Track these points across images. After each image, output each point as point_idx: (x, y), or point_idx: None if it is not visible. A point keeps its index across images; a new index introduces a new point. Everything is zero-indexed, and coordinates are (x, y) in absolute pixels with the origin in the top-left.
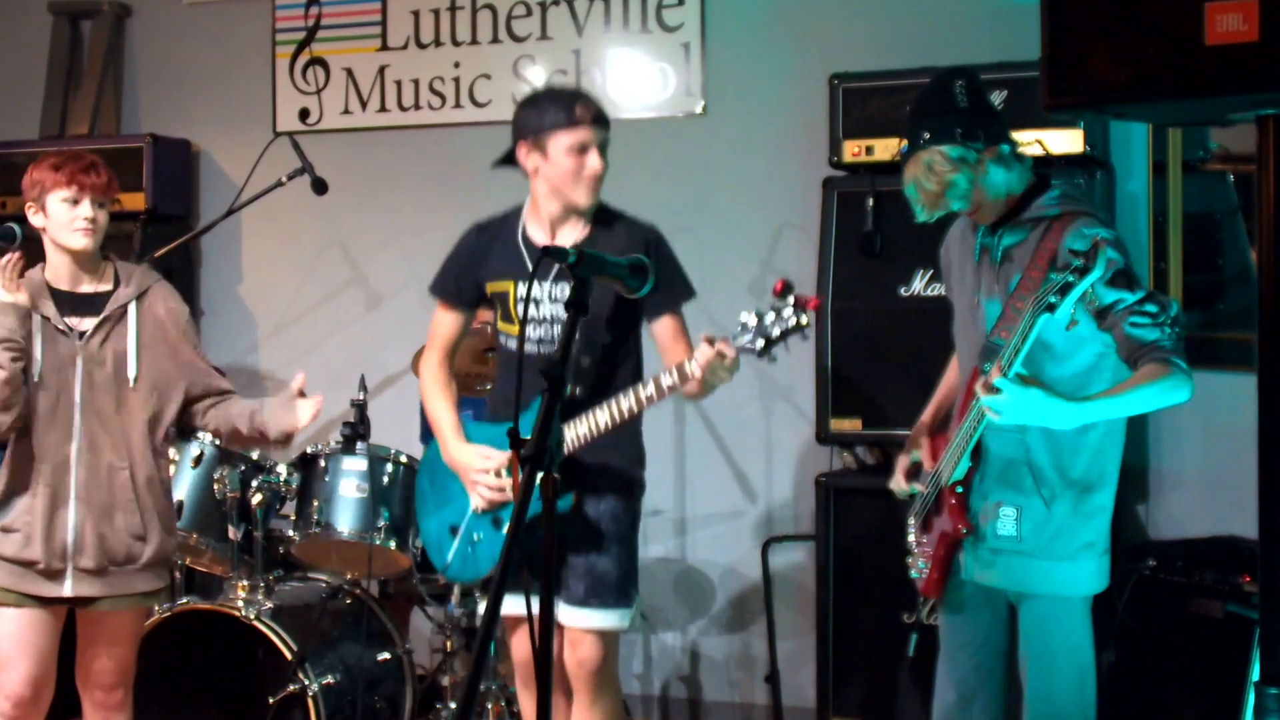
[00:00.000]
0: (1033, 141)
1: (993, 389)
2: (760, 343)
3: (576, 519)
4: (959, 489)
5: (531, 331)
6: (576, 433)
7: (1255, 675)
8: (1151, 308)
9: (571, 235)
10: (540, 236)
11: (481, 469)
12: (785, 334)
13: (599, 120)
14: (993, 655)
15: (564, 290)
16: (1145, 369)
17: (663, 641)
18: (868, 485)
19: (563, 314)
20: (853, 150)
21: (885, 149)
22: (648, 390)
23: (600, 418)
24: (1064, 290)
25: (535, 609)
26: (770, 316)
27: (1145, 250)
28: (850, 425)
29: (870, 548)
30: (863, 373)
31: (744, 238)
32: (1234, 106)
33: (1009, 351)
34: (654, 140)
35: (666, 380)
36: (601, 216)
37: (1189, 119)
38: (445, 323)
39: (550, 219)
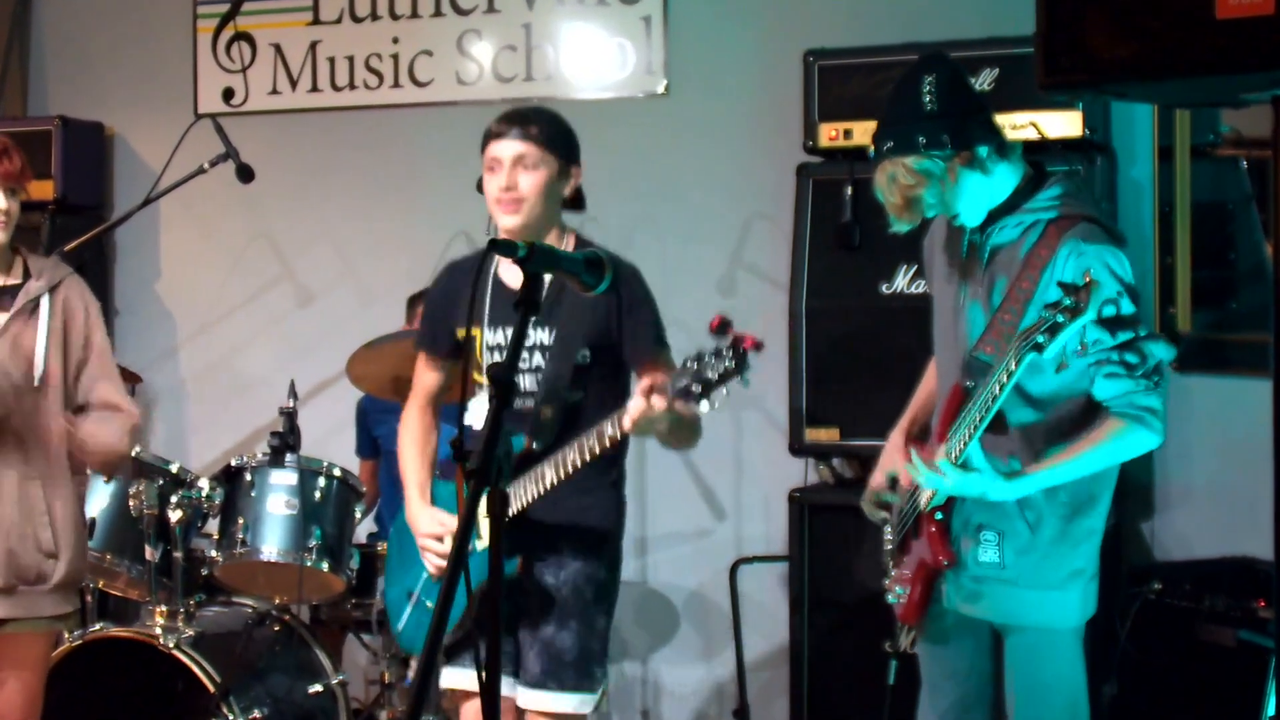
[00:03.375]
0: (1027, 124)
1: (935, 468)
2: (697, 388)
3: (532, 587)
4: (938, 515)
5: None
6: (525, 492)
7: (1270, 709)
8: (1131, 359)
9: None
10: (511, 277)
11: (429, 534)
12: (724, 377)
13: (515, 133)
14: (978, 686)
15: (538, 337)
16: (1103, 425)
17: (621, 672)
18: (845, 501)
19: (533, 363)
20: (829, 134)
21: (864, 133)
22: (590, 441)
23: (547, 475)
24: (1053, 330)
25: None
26: (709, 359)
27: (1150, 243)
28: (827, 436)
29: (848, 569)
30: (840, 378)
31: (710, 230)
32: (1247, 86)
33: (966, 425)
34: (611, 123)
35: (608, 430)
36: (577, 249)
37: (1198, 99)
38: (425, 377)
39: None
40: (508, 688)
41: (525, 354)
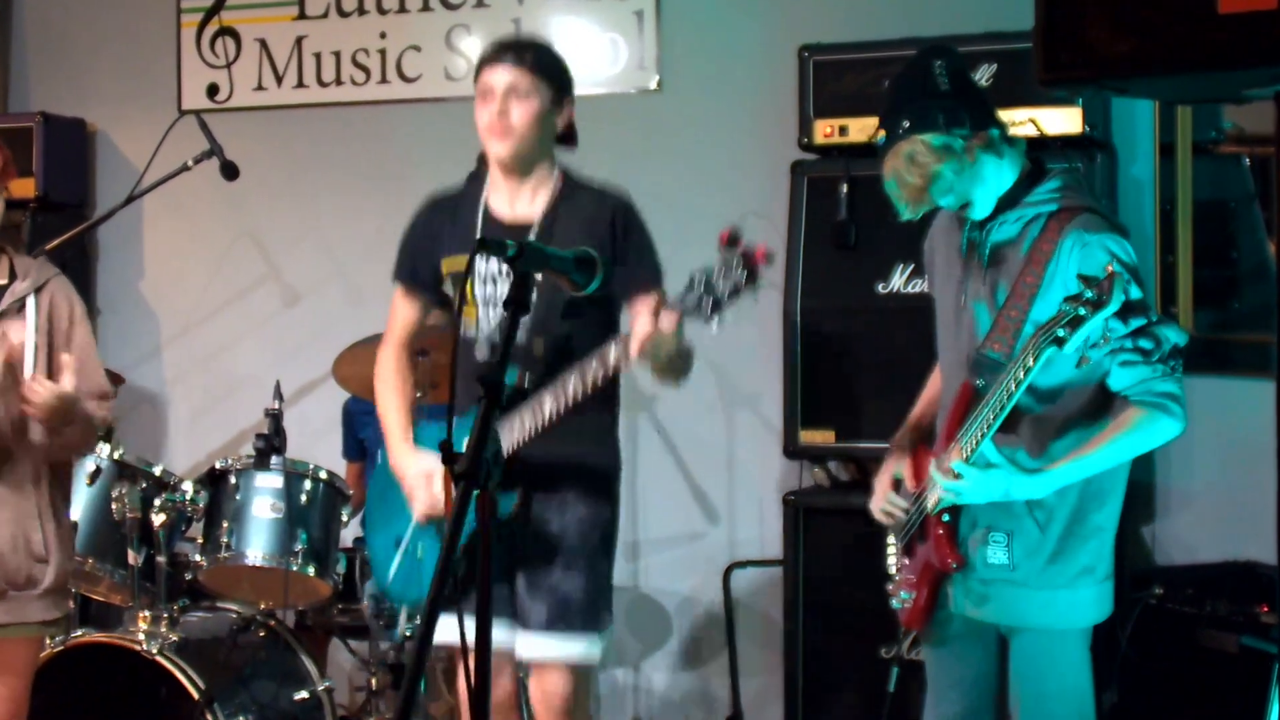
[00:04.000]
0: (1026, 121)
1: (952, 471)
2: (708, 302)
3: (535, 529)
4: (945, 518)
5: (488, 314)
6: (523, 425)
7: (1274, 716)
8: (1146, 344)
9: (533, 205)
10: (502, 207)
11: (419, 473)
12: (735, 291)
13: (507, 60)
14: (984, 693)
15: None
16: (1123, 415)
17: (612, 678)
18: (841, 504)
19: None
20: (825, 131)
21: (861, 129)
22: (593, 367)
23: (546, 405)
24: (1075, 324)
25: (472, 637)
26: (716, 272)
27: (1151, 242)
28: (822, 437)
29: (844, 574)
30: (836, 379)
31: (703, 228)
32: (1250, 81)
33: (979, 425)
34: (602, 119)
35: (612, 355)
36: (568, 183)
37: (1200, 95)
38: (403, 310)
39: (505, 186)
40: (504, 633)
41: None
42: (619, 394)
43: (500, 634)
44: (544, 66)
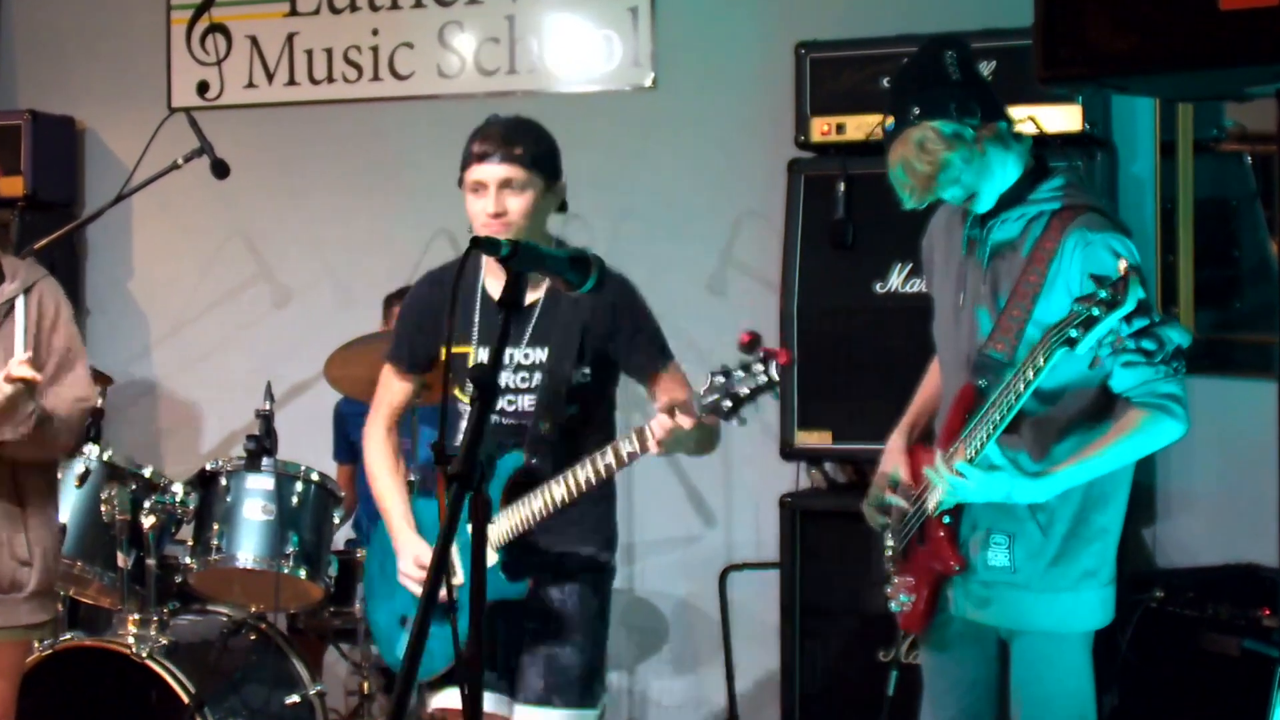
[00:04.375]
0: (1025, 119)
1: (955, 471)
2: (728, 404)
3: (535, 604)
4: (946, 519)
5: (512, 399)
6: (531, 508)
7: None
8: (1148, 345)
9: (533, 291)
10: (500, 289)
11: (417, 574)
12: (755, 392)
13: (502, 154)
14: (983, 697)
15: (535, 355)
16: (1126, 417)
17: (607, 682)
18: (838, 506)
19: (533, 381)
20: (821, 128)
21: (858, 127)
22: (606, 459)
23: (556, 492)
24: (1088, 324)
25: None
26: (739, 374)
27: (1151, 242)
28: (819, 439)
29: (841, 577)
30: (833, 380)
31: (699, 227)
32: (1252, 78)
33: (984, 426)
34: (597, 117)
35: (626, 447)
36: None
37: (1201, 93)
38: (394, 389)
39: (502, 272)
40: (502, 707)
41: (525, 373)
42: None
43: (498, 706)
44: (536, 158)
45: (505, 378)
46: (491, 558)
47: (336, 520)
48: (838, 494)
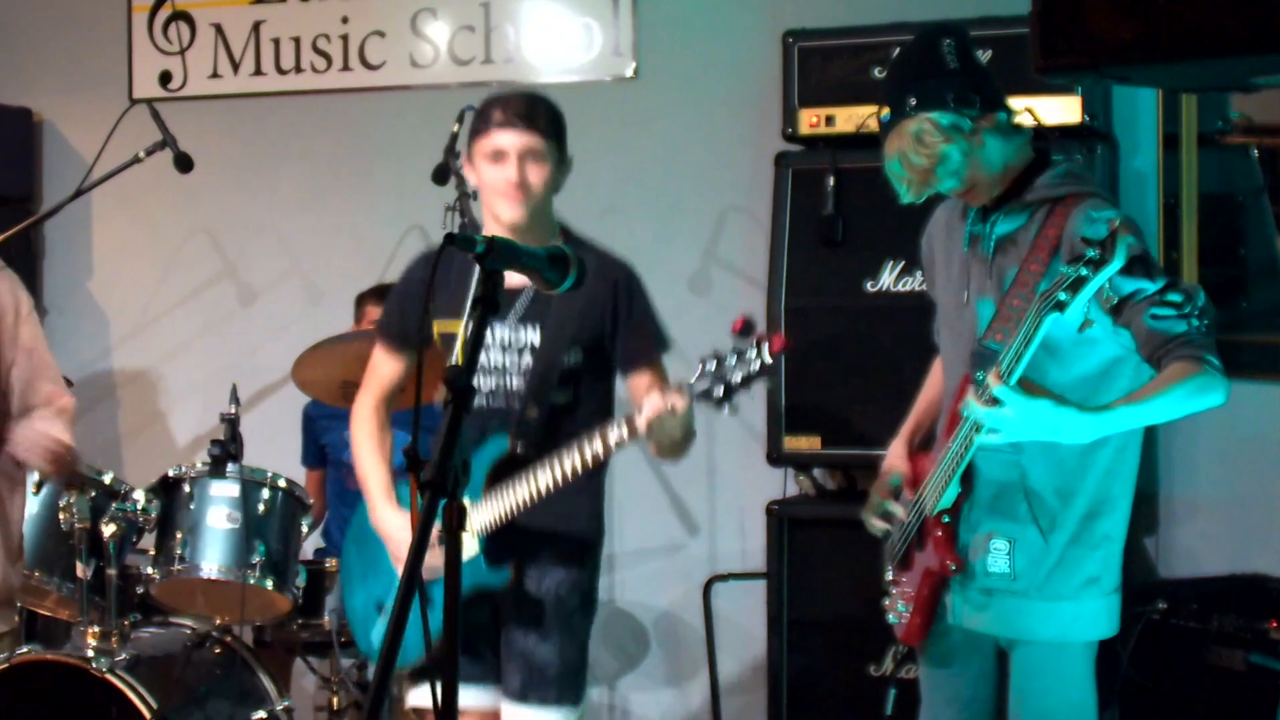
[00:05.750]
0: (1022, 110)
1: (992, 400)
2: (720, 389)
3: (515, 595)
4: (945, 519)
5: (481, 381)
6: (515, 496)
7: None
8: (1175, 297)
9: None
10: None
11: (407, 536)
12: (748, 379)
13: (524, 124)
14: (982, 711)
15: (526, 336)
16: (1172, 368)
17: (587, 698)
18: (828, 514)
19: (523, 363)
20: (810, 120)
21: (848, 119)
22: (594, 446)
23: (541, 478)
24: (1076, 285)
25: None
26: (731, 360)
27: (1154, 238)
28: (807, 444)
29: (830, 588)
30: (822, 382)
31: (683, 223)
32: (1259, 68)
33: (1009, 355)
34: (577, 108)
35: (614, 435)
36: (567, 244)
37: (1206, 83)
38: (385, 367)
39: None
40: (491, 698)
41: (514, 354)
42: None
43: (487, 699)
44: (555, 130)
45: (493, 357)
46: (472, 547)
47: (305, 529)
48: (827, 501)
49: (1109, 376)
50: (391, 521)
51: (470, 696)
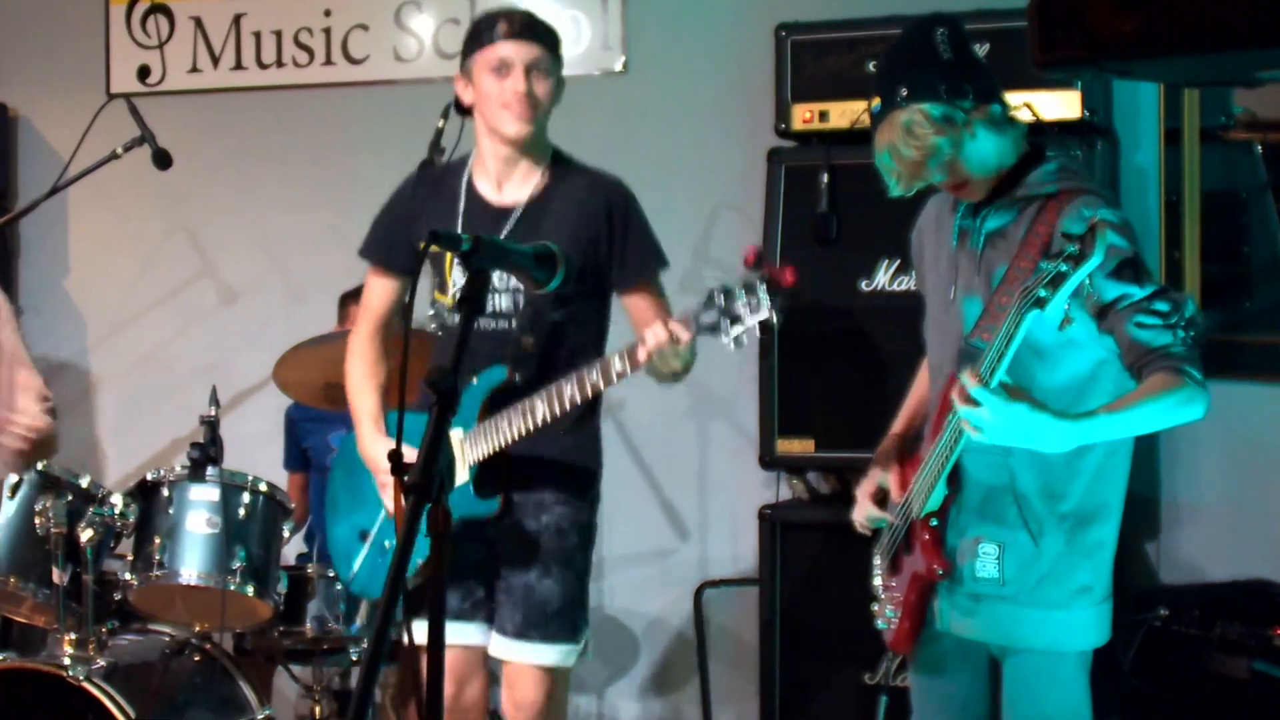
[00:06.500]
0: (1020, 105)
1: (970, 400)
2: (727, 323)
3: (512, 531)
4: (933, 522)
5: (490, 302)
6: (512, 426)
7: None
8: (1162, 306)
9: (522, 188)
10: (488, 189)
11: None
12: (756, 313)
13: (529, 35)
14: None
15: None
16: (1153, 379)
17: (575, 706)
18: (821, 519)
19: (513, 285)
20: (803, 116)
21: (843, 114)
22: (593, 376)
23: (538, 409)
24: (1056, 281)
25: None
26: (741, 294)
27: (1155, 235)
28: (800, 447)
29: (823, 593)
30: (816, 384)
31: (673, 221)
32: (1263, 62)
33: (990, 355)
34: (564, 104)
35: (616, 365)
36: (559, 166)
37: (1209, 78)
38: (377, 291)
39: (495, 166)
40: (479, 635)
41: (507, 278)
42: (602, 394)
43: (474, 636)
44: (558, 43)
45: (504, 279)
46: (462, 475)
47: (286, 533)
48: (821, 506)
49: (1095, 380)
50: (379, 450)
51: (457, 633)
